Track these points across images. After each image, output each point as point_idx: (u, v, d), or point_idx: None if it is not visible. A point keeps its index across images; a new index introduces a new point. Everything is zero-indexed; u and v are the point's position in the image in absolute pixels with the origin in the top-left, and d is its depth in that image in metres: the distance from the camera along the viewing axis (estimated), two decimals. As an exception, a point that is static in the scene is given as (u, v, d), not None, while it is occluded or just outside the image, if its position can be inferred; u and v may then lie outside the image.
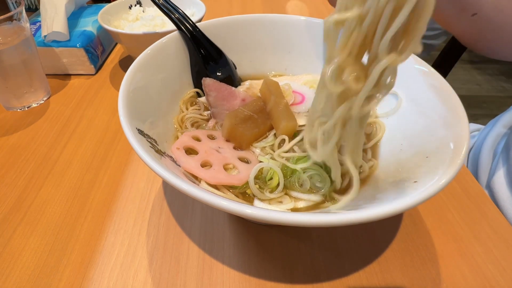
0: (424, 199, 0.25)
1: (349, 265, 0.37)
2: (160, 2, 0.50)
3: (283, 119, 0.40)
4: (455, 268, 0.37)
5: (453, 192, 0.45)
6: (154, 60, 0.43)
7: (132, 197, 0.45)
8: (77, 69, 0.69)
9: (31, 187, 0.46)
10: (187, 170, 0.35)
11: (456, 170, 0.28)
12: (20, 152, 0.51)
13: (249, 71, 0.54)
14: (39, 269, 0.37)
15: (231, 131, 0.40)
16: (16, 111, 0.59)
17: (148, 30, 0.66)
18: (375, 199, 0.32)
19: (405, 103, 0.42)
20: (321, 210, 0.35)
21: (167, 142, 0.40)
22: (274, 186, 0.36)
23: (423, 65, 0.41)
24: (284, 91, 0.46)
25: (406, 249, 0.39)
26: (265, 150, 0.40)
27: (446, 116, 0.35)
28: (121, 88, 0.36)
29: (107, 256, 0.38)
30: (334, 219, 0.24)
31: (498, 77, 2.35)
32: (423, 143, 0.36)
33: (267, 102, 0.43)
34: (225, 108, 0.45)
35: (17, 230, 0.41)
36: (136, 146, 0.29)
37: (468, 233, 0.41)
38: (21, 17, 0.54)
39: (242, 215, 0.25)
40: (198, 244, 0.39)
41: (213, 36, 0.49)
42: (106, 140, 0.54)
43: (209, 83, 0.45)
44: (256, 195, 0.35)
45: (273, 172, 0.36)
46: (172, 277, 0.36)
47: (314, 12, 0.98)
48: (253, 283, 0.36)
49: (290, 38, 0.52)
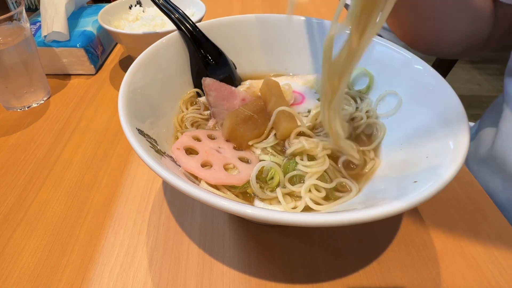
0: (424, 199, 0.25)
1: (349, 265, 0.37)
2: (160, 2, 0.50)
3: (284, 120, 0.40)
4: (455, 268, 0.37)
5: (453, 192, 0.45)
6: (154, 60, 0.43)
7: (132, 197, 0.45)
8: (77, 69, 0.69)
9: (31, 187, 0.46)
10: (187, 170, 0.35)
11: (456, 170, 0.28)
12: (20, 152, 0.51)
13: (249, 71, 0.54)
14: (39, 269, 0.37)
15: (231, 131, 0.40)
16: (16, 111, 0.59)
17: (148, 30, 0.66)
18: (375, 199, 0.32)
19: (405, 103, 0.42)
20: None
21: (167, 142, 0.40)
22: (275, 186, 0.36)
23: (423, 65, 0.41)
24: (285, 91, 0.46)
25: (406, 249, 0.39)
26: (266, 150, 0.40)
27: (446, 116, 0.35)
28: (121, 88, 0.36)
29: (107, 256, 0.38)
30: (334, 219, 0.24)
31: (498, 77, 2.35)
32: (423, 143, 0.36)
33: (267, 102, 0.43)
34: (225, 108, 0.45)
35: (17, 230, 0.41)
36: (136, 146, 0.29)
37: (468, 233, 0.41)
38: (21, 17, 0.54)
39: (242, 215, 0.25)
40: (198, 244, 0.39)
41: (213, 36, 0.49)
42: (106, 140, 0.54)
43: (209, 83, 0.45)
44: (258, 194, 0.35)
45: (274, 171, 0.36)
46: (172, 277, 0.36)
47: (314, 12, 0.98)
48: (253, 283, 0.36)
49: (290, 38, 0.52)
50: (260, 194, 0.35)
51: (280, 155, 0.40)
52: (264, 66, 0.54)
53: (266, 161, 0.37)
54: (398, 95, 0.43)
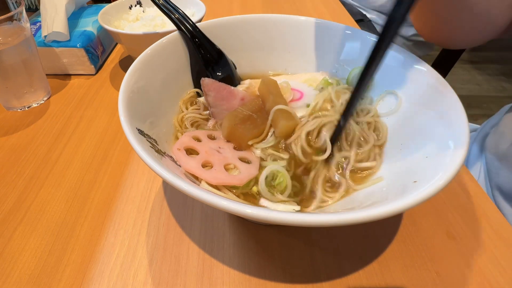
0: (424, 199, 0.25)
1: (349, 265, 0.37)
2: (160, 2, 0.50)
3: (282, 118, 0.40)
4: (455, 268, 0.37)
5: (453, 192, 0.45)
6: (154, 60, 0.43)
7: (132, 197, 0.45)
8: (77, 69, 0.69)
9: (31, 187, 0.46)
10: (188, 171, 0.35)
11: (456, 170, 0.28)
12: (20, 152, 0.51)
13: (249, 71, 0.54)
14: (39, 269, 0.37)
15: (231, 131, 0.40)
16: (16, 111, 0.59)
17: (148, 30, 0.66)
18: (375, 199, 0.32)
19: (405, 103, 0.42)
20: (323, 210, 0.35)
21: (167, 142, 0.40)
22: (283, 189, 0.36)
23: (423, 65, 0.41)
24: (283, 88, 0.46)
25: (406, 249, 0.39)
26: (266, 151, 0.40)
27: (445, 116, 0.35)
28: (121, 88, 0.36)
29: (107, 256, 0.38)
30: (334, 219, 0.24)
31: (498, 77, 2.35)
32: (422, 143, 0.36)
33: (265, 101, 0.43)
34: (224, 108, 0.45)
35: (17, 230, 0.41)
36: (136, 146, 0.29)
37: (468, 233, 0.41)
38: (21, 17, 0.54)
39: (242, 215, 0.25)
40: (198, 244, 0.39)
41: (213, 36, 0.49)
42: (106, 140, 0.54)
43: (207, 83, 0.45)
44: (267, 198, 0.35)
45: (282, 175, 0.36)
46: (172, 277, 0.36)
47: (314, 12, 0.98)
48: (253, 283, 0.36)
49: (290, 38, 0.52)
50: (270, 197, 0.35)
51: (282, 154, 0.40)
52: (264, 66, 0.54)
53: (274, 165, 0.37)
54: (398, 95, 0.43)
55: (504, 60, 2.52)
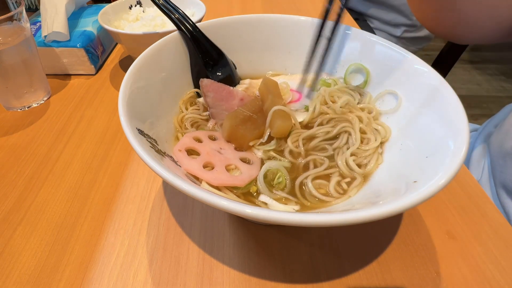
0: (424, 199, 0.25)
1: (349, 265, 0.37)
2: (160, 2, 0.49)
3: (278, 118, 0.40)
4: (455, 268, 0.37)
5: (453, 192, 0.45)
6: (154, 60, 0.43)
7: (132, 197, 0.45)
8: (77, 69, 0.69)
9: (31, 187, 0.46)
10: (189, 172, 0.35)
11: (456, 170, 0.28)
12: (20, 152, 0.51)
13: (249, 71, 0.54)
14: (39, 269, 0.37)
15: (231, 132, 0.40)
16: (16, 111, 0.59)
17: (148, 30, 0.66)
18: (375, 199, 0.32)
19: (405, 103, 0.42)
20: (323, 210, 0.35)
21: (167, 142, 0.40)
22: (283, 187, 0.36)
23: (423, 65, 0.41)
24: (282, 89, 0.46)
25: (406, 249, 0.39)
26: (268, 153, 0.40)
27: (445, 116, 0.35)
28: (121, 88, 0.36)
29: (107, 256, 0.38)
30: (334, 219, 0.24)
31: (498, 77, 2.35)
32: (422, 143, 0.36)
33: (264, 101, 0.43)
34: (224, 108, 0.45)
35: (17, 230, 0.41)
36: (136, 146, 0.29)
37: (468, 233, 0.41)
38: (21, 17, 0.54)
39: (242, 215, 0.25)
40: (198, 244, 0.40)
41: (213, 36, 0.49)
42: (106, 140, 0.54)
43: (206, 84, 0.45)
44: (266, 194, 0.35)
45: (280, 173, 0.37)
46: (172, 277, 0.36)
47: (314, 12, 0.98)
48: (253, 283, 0.36)
49: (290, 38, 0.52)
50: (269, 194, 0.35)
51: (283, 158, 0.40)
52: (264, 66, 0.54)
53: (272, 163, 0.37)
54: (398, 95, 0.43)
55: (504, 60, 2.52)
